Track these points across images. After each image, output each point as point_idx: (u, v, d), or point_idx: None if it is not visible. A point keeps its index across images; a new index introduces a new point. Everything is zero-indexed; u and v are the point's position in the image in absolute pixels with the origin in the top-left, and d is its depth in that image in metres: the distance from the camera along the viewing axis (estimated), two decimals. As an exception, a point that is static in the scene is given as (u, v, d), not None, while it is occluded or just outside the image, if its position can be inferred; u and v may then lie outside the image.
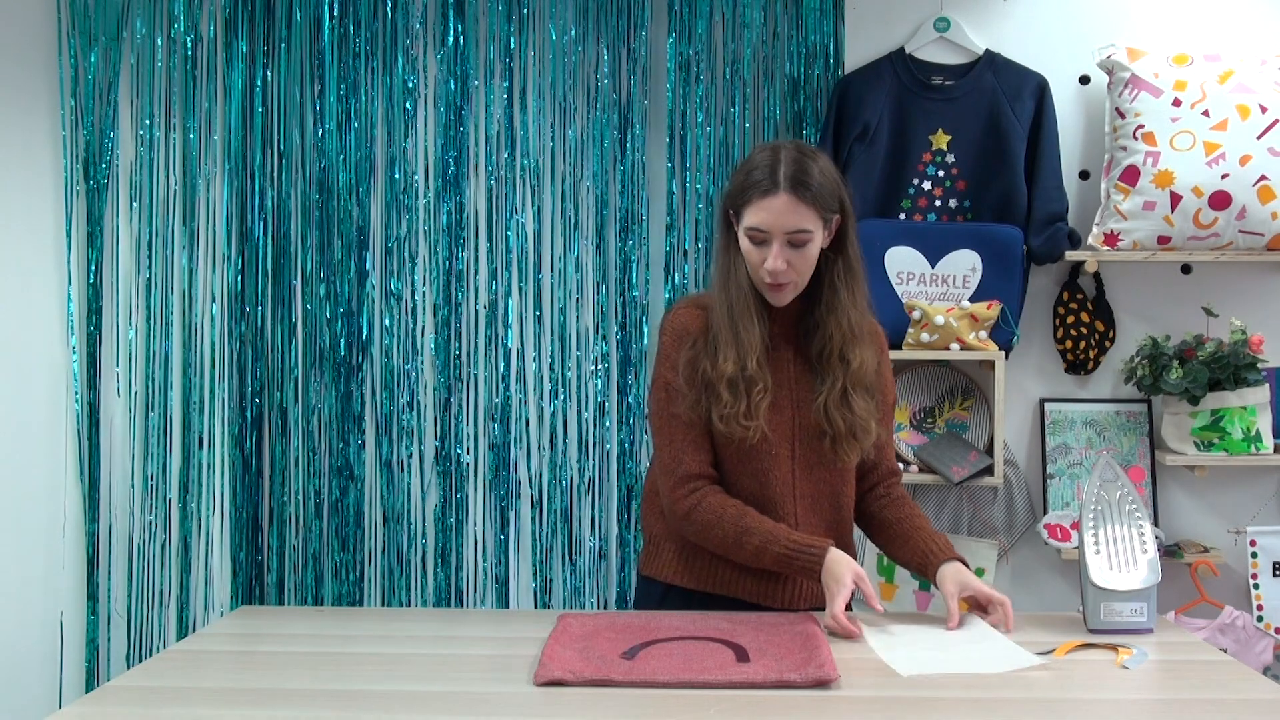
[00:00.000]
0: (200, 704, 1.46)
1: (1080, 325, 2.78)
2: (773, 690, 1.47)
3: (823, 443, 1.89)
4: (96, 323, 2.90)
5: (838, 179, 1.86)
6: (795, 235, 1.79)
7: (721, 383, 1.83)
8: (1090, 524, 1.75)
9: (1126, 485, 1.76)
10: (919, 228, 2.76)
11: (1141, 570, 1.72)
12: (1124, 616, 1.73)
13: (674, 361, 1.90)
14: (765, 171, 1.80)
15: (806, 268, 1.84)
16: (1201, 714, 1.42)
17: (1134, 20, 2.80)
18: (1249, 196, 2.59)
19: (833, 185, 1.83)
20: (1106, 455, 1.78)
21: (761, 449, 1.87)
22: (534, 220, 2.93)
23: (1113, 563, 1.73)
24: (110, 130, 2.89)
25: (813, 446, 1.90)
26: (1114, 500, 1.75)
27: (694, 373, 1.87)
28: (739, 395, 1.83)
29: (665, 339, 1.93)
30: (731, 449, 1.88)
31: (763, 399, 1.84)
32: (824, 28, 2.88)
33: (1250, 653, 2.55)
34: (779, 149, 1.83)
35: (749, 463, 1.88)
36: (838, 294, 1.87)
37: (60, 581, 2.87)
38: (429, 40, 2.93)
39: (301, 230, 2.92)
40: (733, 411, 1.82)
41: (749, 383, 1.83)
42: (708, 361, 1.85)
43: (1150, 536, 1.74)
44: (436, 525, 2.92)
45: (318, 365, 2.92)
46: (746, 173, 1.84)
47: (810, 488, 1.92)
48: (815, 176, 1.80)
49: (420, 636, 1.78)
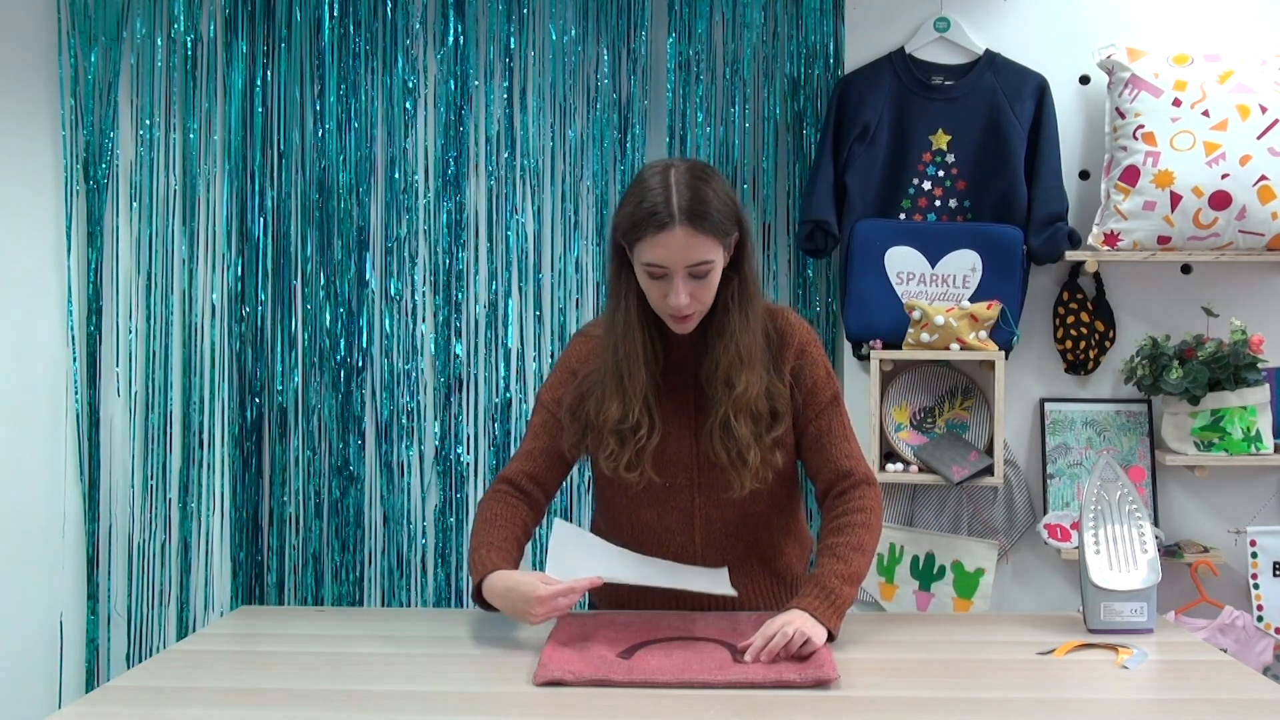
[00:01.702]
0: (200, 704, 1.46)
1: (1080, 325, 2.78)
2: (772, 690, 1.47)
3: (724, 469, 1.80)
4: (96, 323, 2.90)
5: (733, 198, 1.75)
6: (696, 268, 1.69)
7: (606, 430, 1.77)
8: (1090, 524, 1.75)
9: (1127, 485, 1.76)
10: (919, 228, 2.76)
11: (1141, 570, 1.72)
12: (1124, 616, 1.73)
13: (554, 381, 1.88)
14: (658, 203, 1.67)
15: (710, 295, 1.74)
16: (1201, 714, 1.42)
17: (1134, 20, 2.79)
18: (1249, 196, 2.59)
19: (729, 207, 1.72)
20: (1107, 455, 1.78)
21: (653, 481, 1.81)
22: (534, 220, 2.93)
23: (1113, 563, 1.73)
24: (110, 130, 2.89)
25: (716, 472, 1.80)
26: (1114, 500, 1.75)
27: (579, 407, 1.81)
28: (624, 444, 1.77)
29: (558, 365, 1.90)
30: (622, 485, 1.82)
31: (647, 442, 1.77)
32: (824, 28, 2.89)
33: (1250, 653, 2.55)
34: (669, 172, 1.71)
35: (643, 495, 1.83)
36: (730, 316, 1.77)
37: (60, 581, 2.87)
38: (429, 40, 2.93)
39: (301, 230, 2.92)
40: (618, 461, 1.77)
41: (632, 431, 1.76)
42: (592, 404, 1.79)
43: (1150, 536, 1.74)
44: (436, 525, 2.92)
45: (318, 365, 2.92)
46: (636, 203, 1.70)
47: (718, 513, 1.85)
48: (711, 202, 1.68)
49: (420, 636, 1.78)
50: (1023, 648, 1.69)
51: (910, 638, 1.77)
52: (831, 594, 1.66)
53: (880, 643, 1.73)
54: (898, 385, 2.80)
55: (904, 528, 2.80)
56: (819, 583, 1.68)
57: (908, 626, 1.85)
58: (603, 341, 1.81)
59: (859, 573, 1.71)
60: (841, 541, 1.73)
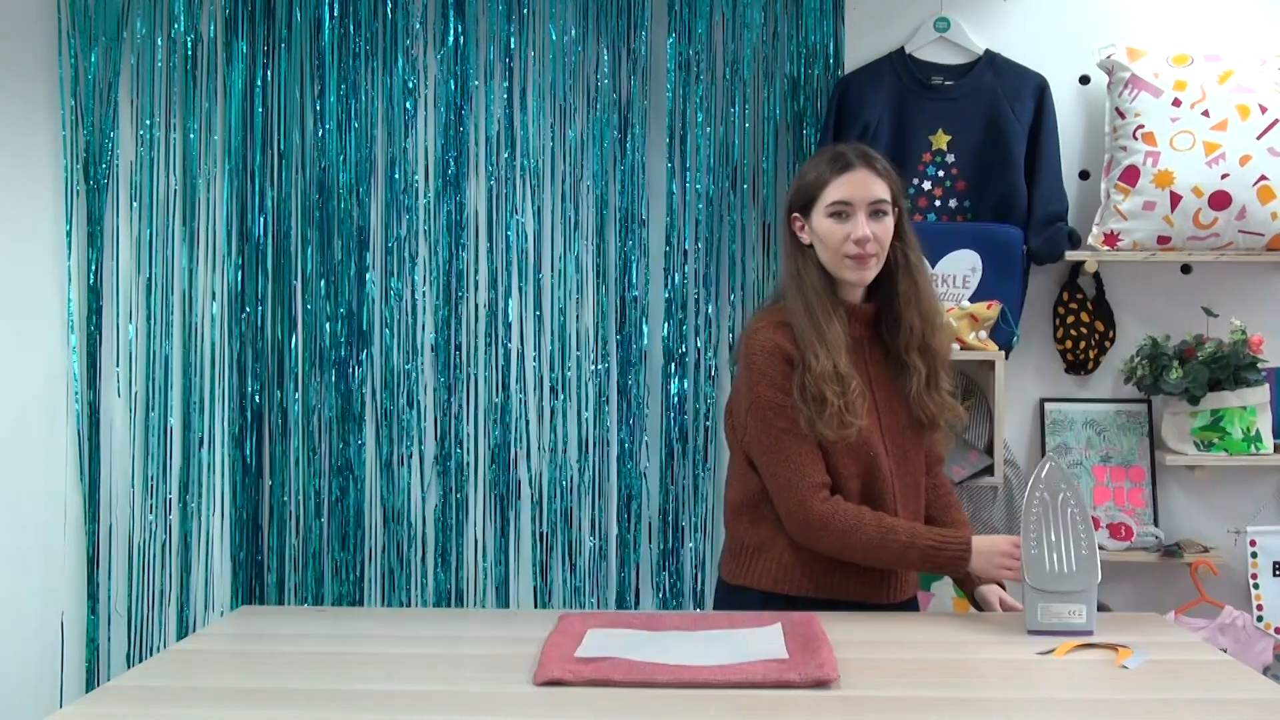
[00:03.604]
0: (200, 704, 1.46)
1: (1080, 325, 2.78)
2: (772, 690, 1.47)
3: (907, 435, 1.97)
4: (96, 323, 2.90)
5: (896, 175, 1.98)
6: (876, 205, 1.90)
7: (824, 383, 1.85)
8: (1031, 526, 1.75)
9: (1069, 488, 1.75)
10: (919, 227, 2.73)
11: (1081, 571, 1.72)
12: (1062, 618, 1.71)
13: (773, 379, 1.90)
14: (839, 152, 1.94)
15: (886, 239, 1.92)
16: (1201, 714, 1.42)
17: (1134, 20, 2.80)
18: (1249, 196, 2.59)
19: (895, 176, 1.96)
20: (1052, 458, 1.77)
21: (862, 449, 1.91)
22: (534, 220, 2.93)
23: (1050, 564, 1.73)
24: (110, 130, 2.89)
25: (899, 441, 1.97)
26: (1056, 504, 1.75)
27: (802, 389, 1.88)
28: (839, 393, 1.86)
29: (758, 359, 1.92)
30: (836, 453, 1.90)
31: (859, 397, 1.88)
32: (824, 28, 2.88)
33: (1250, 653, 2.55)
34: (839, 146, 1.98)
35: (853, 464, 1.91)
36: (915, 284, 1.95)
37: (60, 581, 2.87)
38: (429, 40, 2.93)
39: (301, 230, 2.92)
40: (836, 410, 1.85)
41: (843, 380, 1.87)
42: (806, 373, 1.87)
43: (1091, 537, 1.73)
44: (436, 525, 2.92)
45: (318, 365, 2.92)
46: (815, 167, 1.95)
47: (902, 482, 1.97)
48: (881, 159, 1.95)
49: (420, 636, 1.78)
50: (1023, 648, 1.68)
51: (910, 638, 1.77)
52: None
53: (880, 643, 1.73)
54: (898, 385, 2.80)
55: (904, 528, 2.80)
56: None
57: (908, 626, 1.85)
58: (791, 313, 1.93)
59: None
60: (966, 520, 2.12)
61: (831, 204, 1.90)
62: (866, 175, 1.91)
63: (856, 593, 1.95)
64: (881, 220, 1.91)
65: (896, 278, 1.95)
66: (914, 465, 2.01)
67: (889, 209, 1.92)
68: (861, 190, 1.89)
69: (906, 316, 1.94)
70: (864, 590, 1.95)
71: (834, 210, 1.90)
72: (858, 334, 1.97)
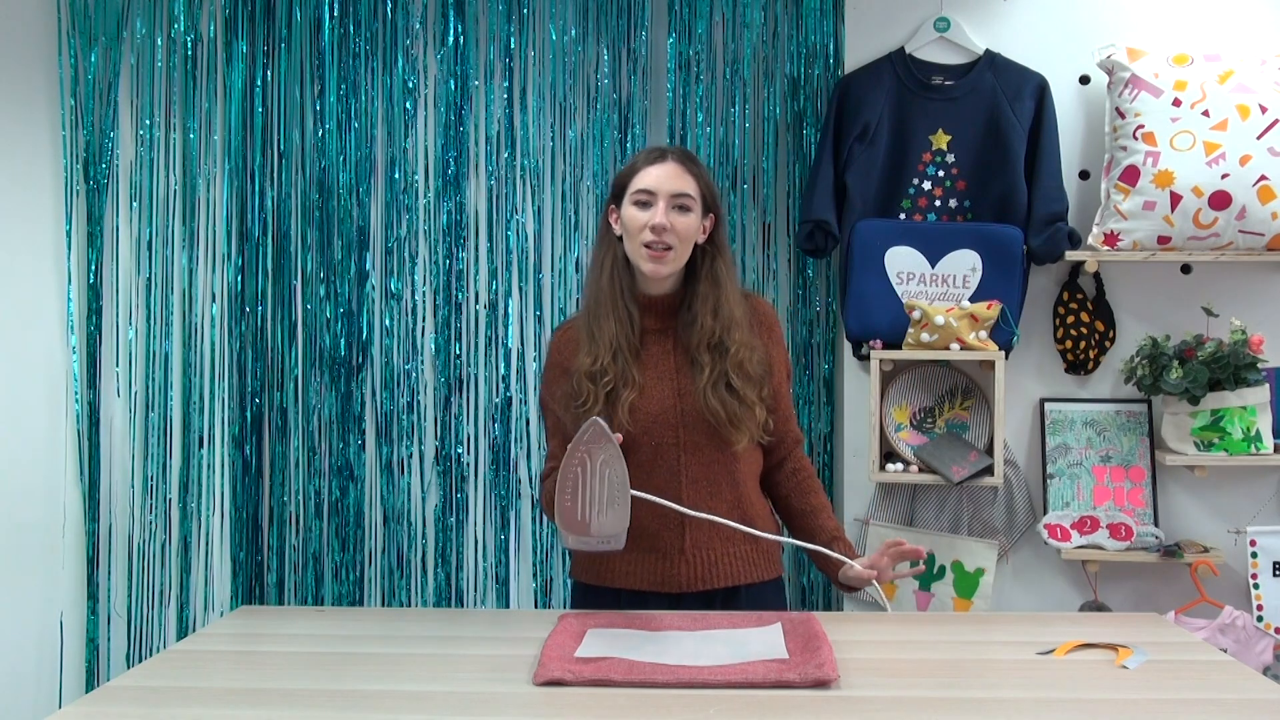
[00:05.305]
0: (200, 704, 1.46)
1: (1080, 325, 2.78)
2: (772, 690, 1.47)
3: (708, 429, 1.97)
4: (96, 323, 2.90)
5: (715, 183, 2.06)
6: (680, 198, 1.95)
7: (581, 378, 1.95)
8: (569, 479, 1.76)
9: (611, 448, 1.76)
10: (919, 228, 2.76)
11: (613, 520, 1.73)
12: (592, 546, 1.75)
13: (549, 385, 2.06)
14: (655, 150, 2.01)
15: (687, 235, 1.96)
16: (1201, 714, 1.42)
17: (1134, 20, 2.79)
18: (1249, 196, 2.59)
19: (712, 184, 2.03)
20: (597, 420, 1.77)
21: (642, 441, 1.96)
22: (534, 220, 2.93)
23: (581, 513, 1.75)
24: (110, 130, 2.89)
25: (701, 432, 1.97)
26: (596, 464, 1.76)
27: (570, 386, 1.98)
28: (595, 391, 1.94)
29: (547, 365, 2.10)
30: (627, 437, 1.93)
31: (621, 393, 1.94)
32: (824, 28, 2.89)
33: (1250, 653, 2.55)
34: (665, 145, 2.08)
35: (632, 455, 1.92)
36: (712, 287, 1.99)
37: (60, 581, 2.87)
38: (429, 40, 2.93)
39: (301, 230, 2.92)
40: (589, 409, 1.91)
41: (598, 376, 1.94)
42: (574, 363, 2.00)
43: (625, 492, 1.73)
44: (436, 525, 2.92)
45: (318, 365, 2.92)
46: (634, 159, 2.03)
47: (703, 471, 1.99)
48: (699, 164, 2.01)
49: (420, 636, 1.78)
50: (1023, 648, 1.69)
51: (910, 638, 1.77)
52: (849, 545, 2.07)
53: (880, 643, 1.73)
54: (898, 385, 2.80)
55: (904, 528, 2.80)
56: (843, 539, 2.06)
57: (908, 626, 1.85)
58: (582, 308, 2.03)
59: None
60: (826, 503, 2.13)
61: (636, 191, 1.96)
62: (676, 169, 1.96)
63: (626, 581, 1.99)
64: (685, 215, 1.95)
65: (699, 277, 2.00)
66: (722, 455, 1.99)
67: (694, 205, 1.96)
68: (666, 182, 1.95)
69: (700, 316, 1.98)
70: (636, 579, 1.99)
71: (638, 199, 1.95)
72: (660, 325, 2.02)
